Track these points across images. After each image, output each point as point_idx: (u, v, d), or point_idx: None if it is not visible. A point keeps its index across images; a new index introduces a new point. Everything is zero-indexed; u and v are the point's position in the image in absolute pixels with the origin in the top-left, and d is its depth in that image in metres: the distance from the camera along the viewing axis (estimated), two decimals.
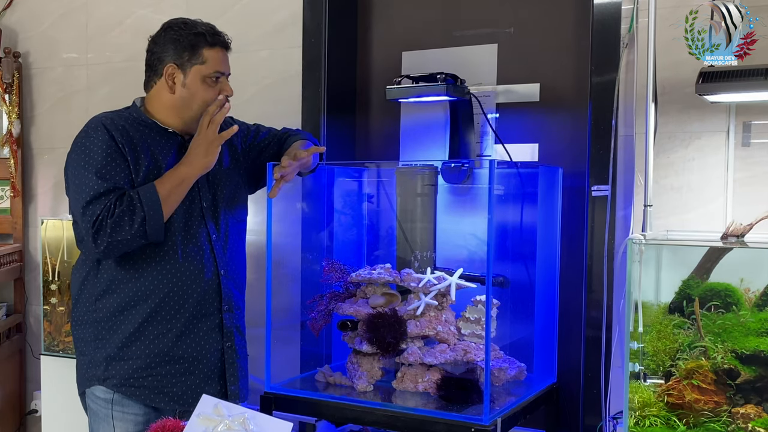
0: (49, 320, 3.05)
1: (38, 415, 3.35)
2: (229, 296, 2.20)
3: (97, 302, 2.11)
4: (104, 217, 1.97)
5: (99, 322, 2.11)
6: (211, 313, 2.16)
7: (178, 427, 1.59)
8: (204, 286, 2.14)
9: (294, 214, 2.56)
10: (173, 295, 2.10)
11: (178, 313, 2.11)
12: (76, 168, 2.05)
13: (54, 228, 3.06)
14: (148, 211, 2.00)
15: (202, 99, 2.12)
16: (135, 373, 2.09)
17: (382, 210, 2.58)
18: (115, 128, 2.07)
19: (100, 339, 2.11)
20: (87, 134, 2.08)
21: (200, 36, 2.12)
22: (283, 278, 2.62)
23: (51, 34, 3.39)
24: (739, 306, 1.85)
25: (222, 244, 2.20)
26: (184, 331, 2.11)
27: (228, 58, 2.19)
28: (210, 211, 2.18)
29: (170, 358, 2.10)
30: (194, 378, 2.13)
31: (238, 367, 2.23)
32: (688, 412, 1.89)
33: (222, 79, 2.15)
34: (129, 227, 1.98)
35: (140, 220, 1.99)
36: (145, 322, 2.09)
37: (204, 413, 1.57)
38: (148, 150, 2.10)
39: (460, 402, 2.07)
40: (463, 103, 2.52)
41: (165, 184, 2.05)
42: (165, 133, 2.15)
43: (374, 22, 2.92)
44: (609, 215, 2.33)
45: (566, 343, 2.44)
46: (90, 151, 2.04)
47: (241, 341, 2.26)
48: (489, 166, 2.02)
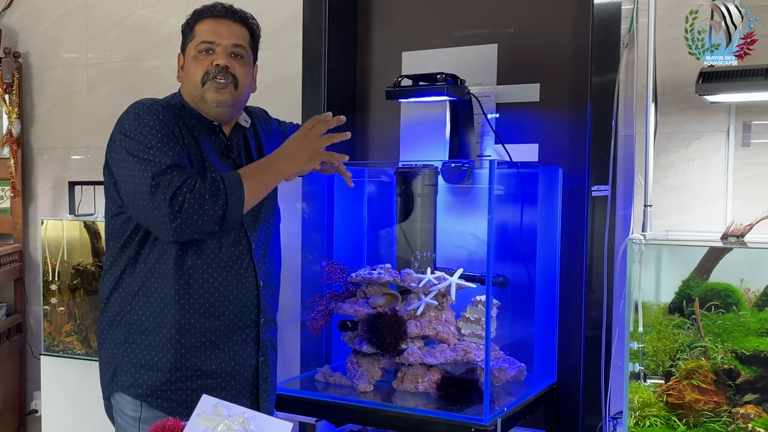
0: (49, 320, 3.05)
1: (38, 415, 3.35)
2: (266, 308, 2.04)
3: (133, 302, 1.93)
4: (184, 192, 1.77)
5: (132, 324, 1.94)
6: (247, 326, 1.99)
7: (178, 427, 1.58)
8: (242, 298, 1.97)
9: (294, 214, 2.56)
10: (209, 306, 1.93)
11: (213, 325, 1.93)
12: (131, 149, 1.85)
13: (54, 228, 3.05)
14: (231, 195, 1.81)
15: (191, 76, 1.95)
16: (163, 386, 1.91)
17: (382, 210, 2.59)
18: (164, 112, 1.91)
19: (131, 343, 1.93)
20: (138, 115, 1.89)
21: (195, 14, 1.99)
22: (283, 278, 2.62)
23: (51, 34, 3.39)
24: (739, 306, 1.85)
25: (261, 252, 2.03)
26: (218, 345, 1.94)
27: (228, 27, 1.96)
28: (249, 216, 1.98)
29: (202, 372, 1.93)
30: (225, 394, 1.93)
31: (270, 383, 2.07)
32: (688, 412, 1.89)
33: (217, 49, 1.94)
34: (211, 210, 1.79)
35: (222, 203, 1.80)
36: (179, 333, 1.91)
37: (204, 413, 1.57)
38: (195, 140, 1.95)
39: (460, 402, 2.07)
40: (463, 103, 2.52)
41: (255, 175, 1.88)
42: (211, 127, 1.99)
43: (374, 22, 2.92)
44: (609, 215, 2.33)
45: (566, 343, 2.45)
46: (148, 128, 1.86)
47: (274, 355, 2.10)
48: (489, 166, 2.02)
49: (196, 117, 1.97)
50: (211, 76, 1.93)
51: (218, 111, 1.96)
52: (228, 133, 2.02)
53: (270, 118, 2.28)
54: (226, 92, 1.94)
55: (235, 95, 1.96)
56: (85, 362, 2.96)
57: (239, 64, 1.97)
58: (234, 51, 1.96)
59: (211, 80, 1.93)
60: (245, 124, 2.06)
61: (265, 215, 2.04)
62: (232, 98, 1.95)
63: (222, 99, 1.94)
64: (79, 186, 3.08)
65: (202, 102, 1.95)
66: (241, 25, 1.99)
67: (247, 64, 2.00)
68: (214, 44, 1.94)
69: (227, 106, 1.96)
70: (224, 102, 1.94)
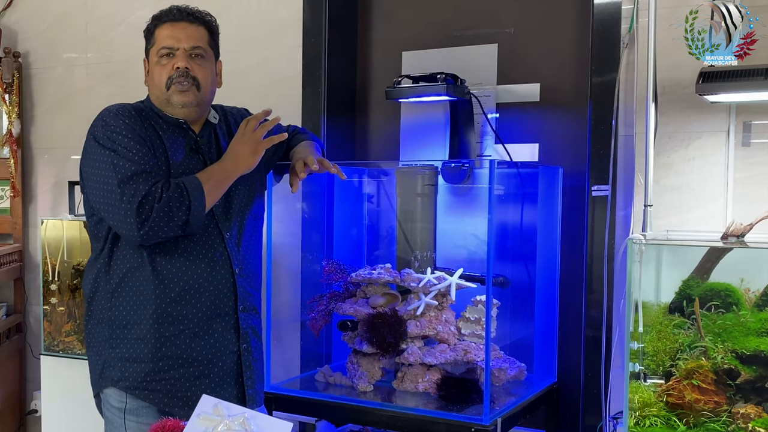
0: (49, 320, 3.05)
1: (38, 415, 3.35)
2: (245, 296, 2.10)
3: (113, 299, 2.03)
4: (151, 201, 1.88)
5: (114, 321, 2.03)
6: (226, 313, 2.06)
7: (178, 427, 1.58)
8: (218, 285, 2.04)
9: (294, 214, 2.56)
10: (185, 294, 2.01)
11: (191, 313, 2.01)
12: (100, 154, 1.95)
13: (54, 228, 3.05)
14: (194, 201, 1.92)
15: (155, 82, 2.05)
16: (148, 376, 1.99)
17: (382, 210, 2.59)
18: (131, 116, 2.01)
19: (115, 338, 2.03)
20: (105, 122, 1.99)
21: (154, 19, 2.08)
22: (283, 278, 2.62)
23: (51, 34, 3.39)
24: (739, 306, 1.85)
25: (236, 241, 2.11)
26: (198, 332, 2.02)
27: (185, 30, 2.04)
28: (221, 208, 2.08)
29: (184, 361, 2.01)
30: (209, 382, 2.02)
31: (255, 370, 2.13)
32: (688, 412, 1.89)
33: (176, 53, 2.03)
34: (177, 217, 1.90)
35: (185, 209, 1.91)
36: (157, 323, 1.99)
37: (204, 413, 1.57)
38: (161, 141, 2.03)
39: (460, 402, 2.07)
40: (463, 103, 2.52)
41: (209, 179, 1.98)
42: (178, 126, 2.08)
43: (374, 22, 2.92)
44: (609, 215, 2.33)
45: (566, 343, 2.45)
46: (113, 134, 1.96)
47: (257, 343, 2.16)
48: (489, 166, 2.02)
49: (164, 118, 2.07)
50: (174, 80, 2.02)
51: (185, 111, 2.06)
52: (198, 131, 2.11)
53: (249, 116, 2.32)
54: (190, 94, 2.04)
55: (199, 96, 2.05)
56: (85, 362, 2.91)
57: (199, 65, 2.05)
58: (193, 53, 2.05)
59: (174, 84, 2.02)
60: (214, 120, 2.15)
61: (238, 207, 2.12)
62: (196, 99, 2.05)
63: (186, 100, 2.04)
64: (79, 186, 3.08)
65: (169, 104, 2.05)
66: (198, 24, 2.08)
67: (207, 63, 2.08)
68: (173, 48, 2.03)
69: (193, 106, 2.05)
70: (189, 103, 2.04)
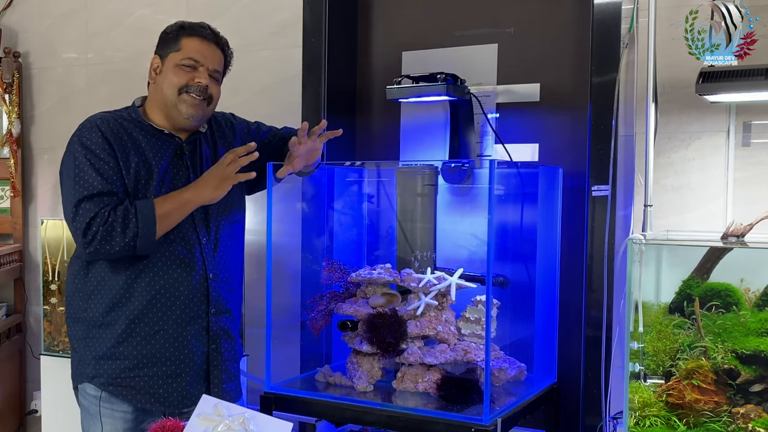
0: (49, 320, 3.05)
1: (38, 415, 3.35)
2: (218, 300, 2.19)
3: (89, 300, 2.13)
4: (98, 223, 1.99)
5: (90, 320, 2.13)
6: (199, 316, 2.16)
7: (178, 427, 1.59)
8: (192, 289, 2.13)
9: (294, 214, 2.56)
10: (160, 297, 2.10)
11: (165, 315, 2.11)
12: (70, 168, 2.07)
13: (54, 228, 3.06)
14: (142, 228, 2.01)
15: (170, 82, 2.12)
16: (122, 373, 2.10)
17: (382, 210, 2.59)
18: (109, 130, 2.09)
19: (91, 338, 2.13)
20: (81, 135, 2.09)
21: (183, 28, 2.17)
22: (283, 278, 2.62)
23: (51, 34, 3.39)
24: (739, 306, 1.85)
25: (212, 247, 2.19)
26: (172, 334, 2.12)
27: (213, 52, 2.17)
28: (201, 214, 2.17)
29: (158, 360, 2.11)
30: (180, 381, 2.13)
31: (223, 370, 2.21)
32: (688, 412, 1.89)
33: (200, 68, 2.14)
34: (120, 239, 2.00)
35: (132, 234, 2.00)
36: (133, 323, 2.09)
37: (204, 413, 1.57)
38: (140, 151, 2.11)
39: (460, 402, 2.07)
40: (463, 103, 2.52)
41: (165, 204, 2.06)
42: (161, 135, 2.16)
43: (374, 22, 2.92)
44: (609, 215, 2.33)
45: (566, 343, 2.44)
46: (84, 151, 2.06)
47: (229, 344, 2.24)
48: (489, 166, 2.02)
49: (146, 129, 2.15)
50: (191, 91, 2.13)
51: (187, 122, 2.16)
52: (184, 138, 2.20)
53: (234, 122, 2.38)
54: (199, 108, 2.14)
55: (206, 111, 2.18)
56: None
57: (215, 85, 2.19)
58: (213, 74, 2.18)
59: (189, 94, 2.12)
60: (202, 129, 2.25)
61: (216, 214, 2.20)
62: (203, 114, 2.16)
63: (194, 113, 2.14)
64: None
65: (174, 109, 2.14)
66: (221, 51, 2.21)
67: (218, 86, 2.22)
68: (199, 63, 2.14)
69: (196, 120, 2.16)
70: (195, 116, 2.15)
